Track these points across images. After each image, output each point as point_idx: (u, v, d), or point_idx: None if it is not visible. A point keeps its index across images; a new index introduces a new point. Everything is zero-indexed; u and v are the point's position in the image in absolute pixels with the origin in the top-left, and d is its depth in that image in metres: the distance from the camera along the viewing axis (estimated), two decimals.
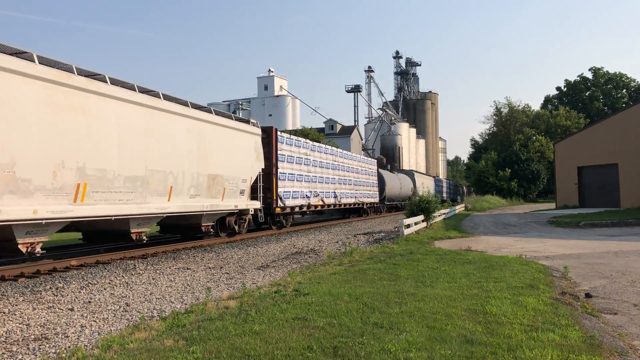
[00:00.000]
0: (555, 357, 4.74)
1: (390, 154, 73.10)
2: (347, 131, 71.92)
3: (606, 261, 11.60)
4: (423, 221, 21.50)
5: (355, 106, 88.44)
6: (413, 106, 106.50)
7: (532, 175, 68.36)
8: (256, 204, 18.07)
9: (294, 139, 22.33)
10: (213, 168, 14.99)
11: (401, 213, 38.54)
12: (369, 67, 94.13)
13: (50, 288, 9.07)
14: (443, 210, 28.11)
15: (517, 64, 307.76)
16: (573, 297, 7.64)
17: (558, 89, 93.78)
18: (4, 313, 7.27)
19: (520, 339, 5.25)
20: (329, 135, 65.86)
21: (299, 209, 22.42)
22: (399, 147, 77.48)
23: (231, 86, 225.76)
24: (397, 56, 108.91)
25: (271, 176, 19.52)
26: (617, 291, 8.27)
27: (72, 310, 7.47)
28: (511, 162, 68.07)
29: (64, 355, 5.22)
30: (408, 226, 18.85)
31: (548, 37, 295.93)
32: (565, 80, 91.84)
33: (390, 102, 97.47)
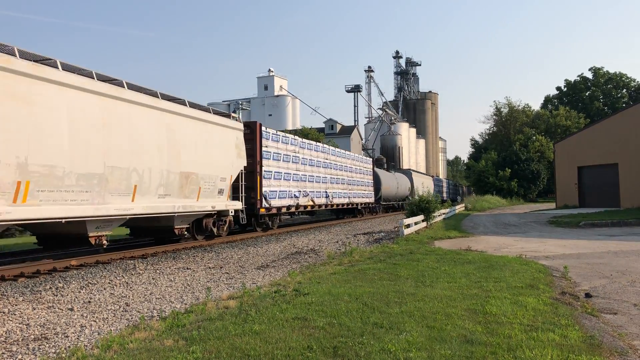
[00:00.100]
0: (555, 357, 4.74)
1: (390, 154, 73.08)
2: (347, 131, 71.98)
3: (606, 261, 11.60)
4: (423, 221, 21.51)
5: (355, 106, 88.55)
6: (413, 106, 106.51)
7: (532, 175, 68.38)
8: (237, 205, 16.86)
9: (280, 135, 20.97)
10: (186, 165, 13.80)
11: (398, 213, 38.48)
12: (369, 67, 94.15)
13: (50, 288, 9.07)
14: (443, 210, 28.11)
15: (517, 64, 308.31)
16: (573, 297, 7.64)
17: (558, 88, 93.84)
18: (4, 313, 7.27)
19: (520, 339, 5.25)
20: (329, 135, 65.90)
21: (286, 210, 21.25)
22: (399, 147, 77.52)
23: (231, 86, 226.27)
24: (397, 56, 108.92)
25: (255, 174, 18.41)
26: (617, 291, 8.27)
27: (72, 310, 7.47)
28: (511, 162, 68.11)
29: (63, 355, 5.22)
30: (408, 226, 18.86)
31: (548, 37, 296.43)
32: (565, 80, 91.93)
33: (390, 102, 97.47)
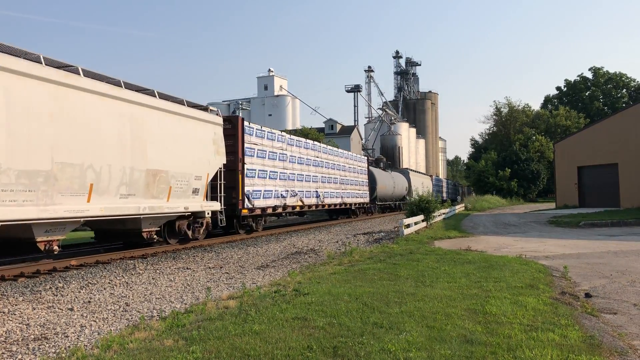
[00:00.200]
0: (555, 357, 4.74)
1: (390, 153, 73.07)
2: (347, 131, 71.95)
3: (606, 261, 11.60)
4: (423, 221, 21.53)
5: (355, 106, 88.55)
6: (413, 106, 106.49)
7: (532, 175, 68.41)
8: (215, 205, 15.52)
9: (266, 130, 19.62)
10: (154, 162, 12.59)
11: (395, 214, 38.29)
12: (369, 67, 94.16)
13: (50, 288, 9.07)
14: (443, 210, 28.13)
15: (517, 64, 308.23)
16: (573, 297, 7.64)
17: (558, 88, 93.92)
18: (4, 313, 7.26)
19: (520, 339, 5.25)
20: (328, 135, 65.86)
21: (272, 211, 19.92)
22: (399, 147, 77.50)
23: (231, 86, 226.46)
24: (397, 56, 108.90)
25: (237, 173, 17.02)
26: (617, 291, 8.27)
27: (71, 310, 7.47)
28: (511, 162, 68.13)
29: (63, 355, 5.22)
30: (408, 226, 18.87)
31: (548, 37, 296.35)
32: (565, 80, 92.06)
33: (390, 102, 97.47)
